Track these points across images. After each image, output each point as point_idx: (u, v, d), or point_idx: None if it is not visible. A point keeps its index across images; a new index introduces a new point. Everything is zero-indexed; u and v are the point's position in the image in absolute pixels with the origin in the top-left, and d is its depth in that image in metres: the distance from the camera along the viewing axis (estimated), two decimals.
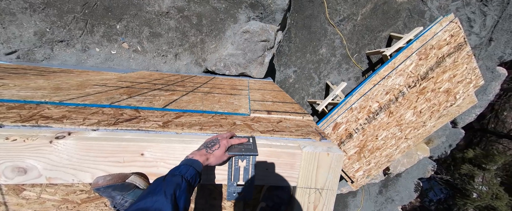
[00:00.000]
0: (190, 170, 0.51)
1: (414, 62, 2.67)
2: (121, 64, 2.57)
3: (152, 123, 0.77)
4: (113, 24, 2.43)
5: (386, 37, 3.67)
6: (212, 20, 2.72)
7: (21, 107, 0.79)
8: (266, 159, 0.63)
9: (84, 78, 1.56)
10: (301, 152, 0.61)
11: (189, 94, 1.34)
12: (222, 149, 0.60)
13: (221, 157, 0.60)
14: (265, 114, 0.97)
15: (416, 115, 2.98)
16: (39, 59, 2.26)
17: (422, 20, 3.56)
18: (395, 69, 2.71)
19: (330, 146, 0.65)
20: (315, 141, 0.71)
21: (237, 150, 0.63)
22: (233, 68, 2.73)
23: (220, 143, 0.61)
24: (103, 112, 0.84)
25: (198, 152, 0.58)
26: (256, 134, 0.74)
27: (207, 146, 0.60)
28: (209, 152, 0.58)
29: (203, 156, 0.57)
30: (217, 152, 0.59)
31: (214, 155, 0.59)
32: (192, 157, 0.56)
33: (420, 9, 3.50)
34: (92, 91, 1.13)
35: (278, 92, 1.69)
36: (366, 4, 3.45)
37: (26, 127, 0.65)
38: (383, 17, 3.53)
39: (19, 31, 2.15)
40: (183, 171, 0.49)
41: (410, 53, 2.67)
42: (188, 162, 0.54)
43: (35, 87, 1.09)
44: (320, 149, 0.62)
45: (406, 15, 3.52)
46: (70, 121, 0.71)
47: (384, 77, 2.75)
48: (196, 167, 0.52)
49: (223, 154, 0.60)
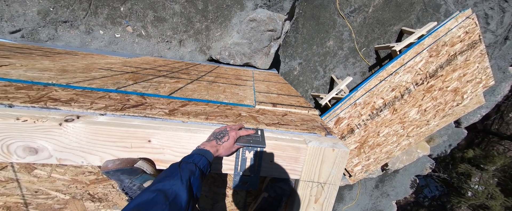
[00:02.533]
0: (202, 159, 0.52)
1: (424, 59, 2.59)
2: (125, 48, 2.54)
3: (158, 110, 0.78)
4: (117, 6, 2.36)
5: (397, 31, 3.54)
6: (218, 6, 2.63)
7: (29, 88, 0.79)
8: (272, 152, 0.63)
9: (89, 61, 1.55)
10: (306, 146, 0.62)
11: (194, 82, 1.33)
12: (231, 141, 0.61)
13: (230, 149, 0.61)
14: (270, 106, 0.97)
15: (420, 113, 2.95)
16: (43, 39, 2.24)
17: (436, 15, 3.40)
18: (404, 65, 2.64)
19: (335, 142, 0.65)
20: (320, 136, 0.71)
21: (245, 141, 0.64)
22: (238, 58, 2.68)
23: (229, 135, 0.62)
24: (110, 97, 0.84)
25: (209, 143, 0.59)
26: (261, 126, 0.74)
27: (217, 138, 0.61)
28: (219, 143, 0.60)
29: (214, 147, 0.58)
30: (227, 143, 0.60)
31: (224, 146, 0.60)
32: (204, 148, 0.57)
33: (435, 3, 3.33)
34: (98, 75, 1.12)
35: (283, 84, 1.67)
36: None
37: (35, 108, 0.65)
38: (396, 10, 3.37)
39: (23, 9, 2.12)
40: (196, 160, 0.51)
41: (420, 50, 2.58)
42: (201, 152, 0.55)
43: (42, 68, 1.09)
44: (326, 144, 0.62)
45: (421, 9, 3.36)
46: (78, 104, 0.71)
47: (391, 73, 2.69)
48: (208, 157, 0.54)
49: (232, 145, 0.62)
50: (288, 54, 3.77)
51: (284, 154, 0.63)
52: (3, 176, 0.71)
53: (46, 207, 0.76)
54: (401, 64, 2.64)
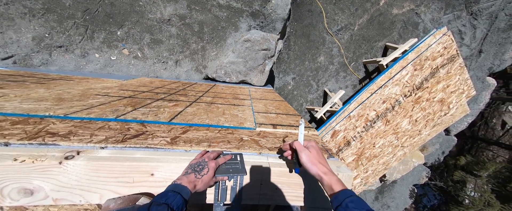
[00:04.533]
0: (177, 198, 0.48)
1: (409, 72, 2.75)
2: (120, 70, 2.55)
3: (160, 139, 0.77)
4: (114, 31, 2.42)
5: (382, 47, 3.78)
6: (214, 28, 2.74)
7: (25, 122, 0.77)
8: (276, 179, 0.63)
9: (84, 86, 1.54)
10: None
11: (193, 105, 1.34)
12: (211, 173, 0.59)
13: (208, 182, 0.58)
14: (271, 128, 0.98)
15: (412, 123, 3.05)
16: (36, 64, 2.22)
17: (416, 32, 3.69)
18: (392, 78, 2.79)
19: (338, 165, 0.67)
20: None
21: (225, 171, 0.62)
22: (234, 76, 2.74)
23: (208, 166, 0.59)
24: (110, 126, 0.83)
25: (186, 177, 0.55)
26: (264, 151, 0.74)
27: (196, 170, 0.58)
28: (198, 177, 0.56)
29: (192, 182, 0.54)
30: (206, 177, 0.57)
31: (203, 180, 0.57)
32: (181, 183, 0.53)
33: (414, 21, 3.64)
34: (96, 103, 1.11)
35: (280, 102, 1.71)
36: (363, 15, 3.56)
37: (33, 146, 0.63)
38: (379, 27, 3.64)
39: (17, 36, 2.12)
40: (169, 200, 0.47)
41: (405, 64, 2.75)
42: (176, 188, 0.51)
43: (37, 98, 1.07)
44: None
45: (401, 26, 3.64)
46: (78, 138, 0.70)
47: (381, 86, 2.82)
48: (184, 195, 0.50)
49: (211, 178, 0.59)
50: (282, 70, 3.89)
51: (289, 180, 0.63)
52: None
53: None
54: (389, 78, 2.78)
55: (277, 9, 2.83)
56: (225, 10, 2.70)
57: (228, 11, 2.71)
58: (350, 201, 0.48)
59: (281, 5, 2.81)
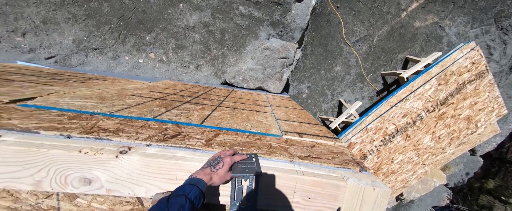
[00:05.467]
0: (194, 189, 0.50)
1: (433, 86, 2.66)
2: (146, 72, 2.71)
3: (196, 141, 0.82)
4: (143, 36, 2.60)
5: (403, 59, 3.69)
6: (234, 35, 2.85)
7: (79, 117, 0.86)
8: (310, 188, 0.64)
9: (118, 86, 1.66)
10: (346, 184, 0.63)
11: (218, 109, 1.40)
12: (226, 168, 0.60)
13: (224, 176, 0.59)
14: (297, 136, 1.00)
15: (434, 140, 2.90)
16: (74, 64, 2.43)
17: (439, 45, 3.57)
18: (413, 92, 2.70)
19: (373, 179, 0.67)
20: (355, 172, 0.72)
21: (241, 171, 0.62)
22: (251, 82, 2.80)
23: (223, 161, 0.61)
24: (149, 126, 0.90)
25: (202, 171, 0.57)
26: (295, 159, 0.76)
27: (211, 165, 0.59)
28: (213, 170, 0.58)
29: (207, 175, 0.56)
30: (221, 171, 0.59)
31: (218, 174, 0.58)
32: (197, 176, 0.55)
33: (437, 34, 3.54)
34: (132, 103, 1.20)
35: (300, 111, 1.72)
36: (383, 26, 3.52)
37: (90, 139, 0.71)
38: (399, 39, 3.58)
39: (60, 38, 2.35)
40: (186, 191, 0.48)
41: (429, 78, 2.66)
42: (192, 181, 0.53)
43: (83, 96, 1.18)
44: (364, 183, 0.63)
45: (423, 39, 3.55)
46: (126, 134, 0.76)
47: (401, 100, 2.74)
48: (200, 187, 0.52)
49: (226, 173, 0.60)
50: (297, 78, 3.91)
51: (323, 191, 0.64)
52: (46, 204, 0.73)
53: None
54: (411, 91, 2.70)
55: (297, 19, 2.89)
56: (247, 19, 2.81)
57: (249, 20, 2.82)
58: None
59: (300, 15, 2.87)
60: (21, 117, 0.76)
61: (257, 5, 2.74)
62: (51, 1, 2.18)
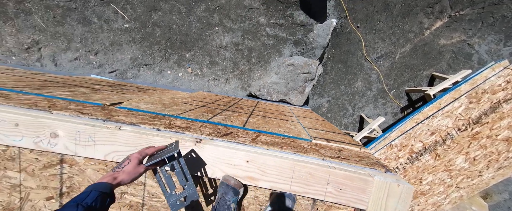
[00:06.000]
0: (91, 194, 0.49)
1: (463, 104, 2.60)
2: (183, 84, 3.12)
3: (243, 138, 1.04)
4: (184, 54, 3.06)
5: (428, 76, 3.65)
6: (261, 53, 3.18)
7: (157, 117, 1.15)
8: (341, 181, 0.80)
9: (168, 96, 2.01)
10: (373, 179, 0.77)
11: (251, 116, 1.63)
12: (134, 162, 0.60)
13: (134, 171, 0.59)
14: (325, 141, 1.17)
15: (468, 162, 2.74)
16: (129, 77, 2.94)
17: (469, 62, 3.48)
18: (441, 109, 2.66)
19: (398, 178, 0.80)
20: (381, 172, 0.86)
21: (155, 158, 0.62)
22: (275, 95, 3.04)
23: (130, 158, 0.61)
24: (206, 126, 1.15)
25: (104, 175, 0.57)
26: (326, 158, 0.93)
27: (115, 167, 0.60)
28: (117, 170, 0.58)
29: (110, 176, 0.56)
30: (128, 167, 0.59)
31: (125, 171, 0.58)
32: (98, 181, 0.55)
33: (466, 52, 3.47)
34: (186, 108, 1.50)
35: (323, 122, 1.87)
36: (405, 44, 3.58)
37: (171, 132, 0.97)
38: (424, 57, 3.58)
39: (121, 56, 2.89)
40: (80, 199, 0.48)
41: (458, 95, 2.62)
42: (90, 187, 0.52)
43: (150, 102, 1.51)
44: (390, 180, 0.77)
45: (450, 57, 3.51)
46: (194, 131, 1.02)
47: (428, 117, 2.70)
48: (100, 189, 0.51)
49: (135, 167, 0.60)
50: (317, 92, 4.05)
51: (352, 184, 0.79)
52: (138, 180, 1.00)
53: (155, 210, 1.00)
54: (438, 108, 2.66)
55: (318, 38, 3.14)
56: (272, 39, 3.14)
57: (274, 39, 3.14)
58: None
59: (322, 34, 3.12)
60: (124, 115, 1.07)
61: (282, 27, 3.07)
62: (118, 28, 2.75)
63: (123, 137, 0.86)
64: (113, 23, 2.70)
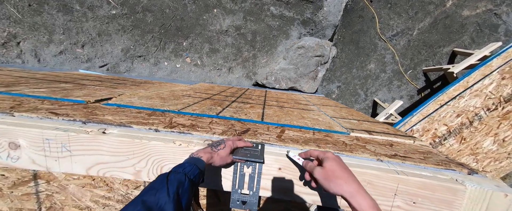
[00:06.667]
0: (193, 168, 0.49)
1: (495, 81, 2.33)
2: (183, 76, 2.86)
3: (267, 136, 0.81)
4: (181, 42, 2.75)
5: (448, 53, 3.33)
6: (265, 36, 2.87)
7: (155, 114, 0.91)
8: (416, 191, 0.57)
9: (167, 89, 1.76)
10: (464, 188, 0.55)
11: (266, 107, 1.39)
12: (227, 150, 0.60)
13: (225, 158, 0.59)
14: (367, 134, 0.93)
15: (497, 143, 2.52)
16: (122, 71, 2.66)
17: (494, 35, 3.15)
18: (469, 88, 2.39)
19: (498, 184, 0.57)
20: (463, 174, 0.63)
21: (242, 155, 0.62)
22: (284, 82, 2.77)
23: (225, 143, 0.61)
24: (216, 122, 0.92)
25: (202, 150, 0.58)
26: (382, 158, 0.70)
27: (213, 146, 0.60)
28: (214, 150, 0.58)
29: (208, 153, 0.56)
30: (222, 152, 0.59)
31: (219, 154, 0.58)
32: (197, 155, 0.55)
33: (492, 23, 3.13)
34: (189, 102, 1.25)
35: (348, 109, 1.63)
36: (424, 18, 3.24)
37: (174, 133, 0.74)
38: (444, 31, 3.24)
39: (111, 48, 2.60)
40: (186, 169, 0.48)
41: (488, 71, 2.35)
42: (192, 160, 0.53)
43: (146, 96, 1.26)
44: (488, 187, 0.54)
45: (474, 30, 3.17)
46: (202, 129, 0.78)
47: (454, 97, 2.45)
48: (200, 166, 0.52)
49: (227, 155, 0.60)
50: (326, 78, 3.76)
51: (433, 195, 0.56)
52: (134, 194, 0.78)
53: None
54: (466, 87, 2.40)
55: (329, 16, 2.81)
56: (278, 20, 2.81)
57: (280, 20, 2.81)
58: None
59: (333, 11, 2.78)
60: (111, 114, 0.83)
61: (288, 5, 2.73)
62: (105, 15, 2.44)
63: (109, 144, 0.63)
64: (98, 9, 2.38)
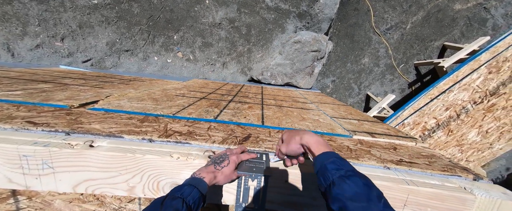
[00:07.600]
0: (193, 192, 0.45)
1: (482, 75, 2.41)
2: (174, 72, 2.73)
3: (270, 143, 0.77)
4: (171, 35, 2.60)
5: (439, 47, 3.40)
6: (261, 30, 2.77)
7: (147, 120, 0.84)
8: (426, 202, 0.56)
9: (158, 87, 1.67)
10: (474, 197, 0.54)
11: (265, 108, 1.35)
12: (232, 166, 0.55)
13: (230, 176, 0.55)
14: (369, 137, 0.92)
15: (481, 135, 2.65)
16: (108, 66, 2.49)
17: (483, 29, 3.23)
18: (458, 82, 2.46)
19: (505, 191, 0.57)
20: (469, 180, 0.63)
21: (247, 169, 0.58)
22: (279, 78, 2.72)
23: (229, 159, 0.56)
24: (215, 127, 0.86)
25: (205, 169, 0.53)
26: (389, 165, 0.68)
27: (216, 162, 0.55)
28: (217, 168, 0.53)
29: (211, 173, 0.51)
30: (226, 169, 0.54)
31: (223, 172, 0.53)
32: (199, 175, 0.50)
33: (481, 17, 3.19)
34: (184, 103, 1.18)
35: (346, 107, 1.62)
36: (418, 12, 3.24)
37: (171, 143, 0.68)
38: (436, 25, 3.28)
39: (95, 42, 2.41)
40: (185, 194, 0.44)
41: (477, 66, 2.41)
42: (193, 182, 0.48)
43: (136, 97, 1.17)
44: (496, 195, 0.54)
45: (464, 24, 3.23)
46: (201, 137, 0.73)
47: (443, 91, 2.52)
48: (201, 189, 0.47)
49: (232, 172, 0.55)
50: (321, 72, 3.75)
51: (442, 205, 0.55)
52: (128, 209, 0.73)
53: None
54: (455, 81, 2.47)
55: (325, 9, 2.74)
56: (273, 12, 2.70)
57: (275, 13, 2.71)
58: (330, 162, 0.45)
59: (329, 4, 2.71)
60: (99, 121, 0.76)
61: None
62: (85, 5, 2.23)
63: (97, 160, 0.57)
64: None
